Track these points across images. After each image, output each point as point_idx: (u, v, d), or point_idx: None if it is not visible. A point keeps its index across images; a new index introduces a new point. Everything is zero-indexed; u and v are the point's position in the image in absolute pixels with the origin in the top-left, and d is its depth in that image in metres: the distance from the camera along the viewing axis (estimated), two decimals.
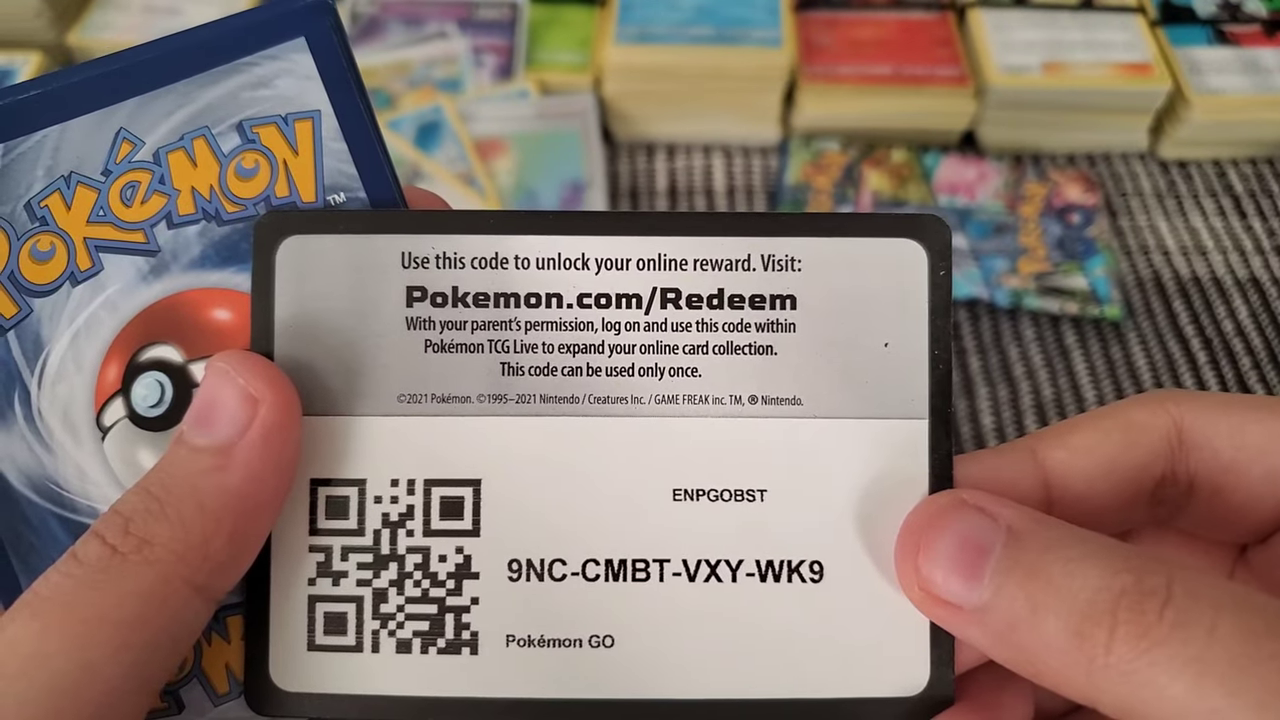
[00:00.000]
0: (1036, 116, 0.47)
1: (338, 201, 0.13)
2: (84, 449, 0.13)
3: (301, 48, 0.12)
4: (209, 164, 0.12)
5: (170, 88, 0.12)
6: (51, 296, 0.12)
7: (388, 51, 0.47)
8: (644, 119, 0.47)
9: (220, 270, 0.13)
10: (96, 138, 0.12)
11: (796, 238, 0.13)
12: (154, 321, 0.13)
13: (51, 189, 0.12)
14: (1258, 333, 0.42)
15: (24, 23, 0.49)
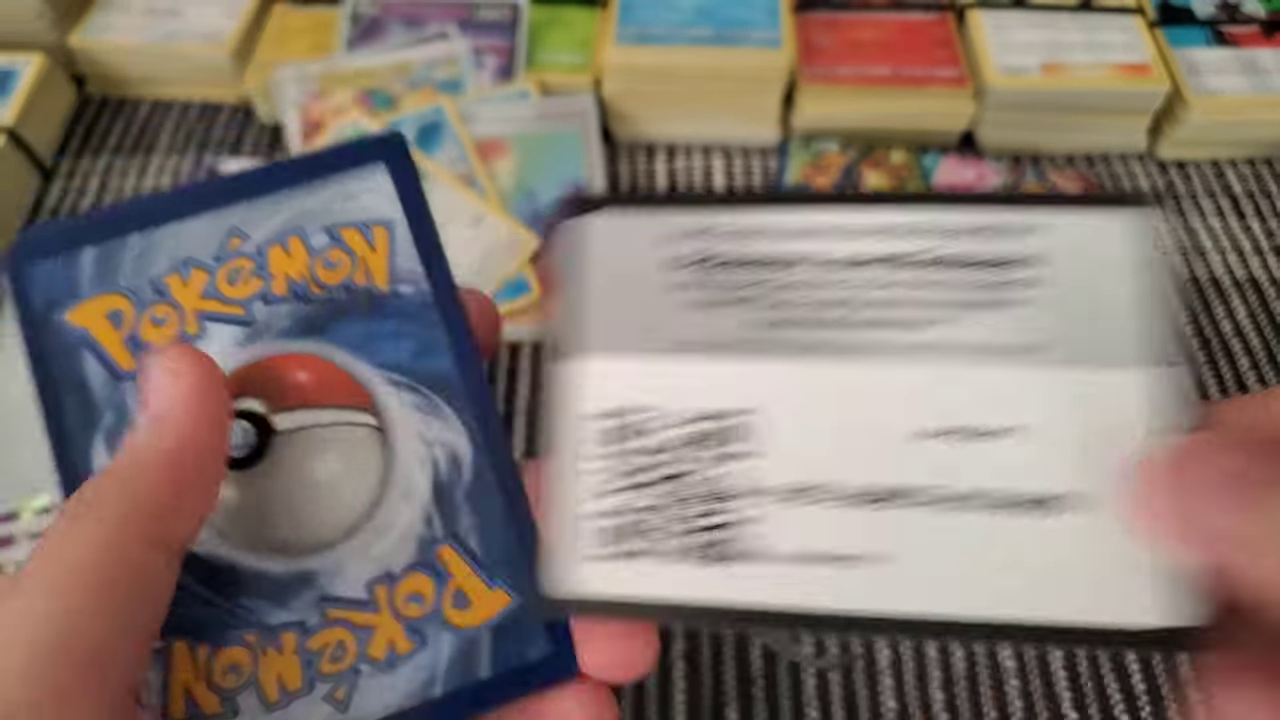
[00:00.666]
0: (1035, 117, 0.47)
1: (406, 292, 0.16)
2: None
3: (383, 171, 0.16)
4: (301, 257, 0.15)
5: (276, 196, 0.15)
6: None
7: (388, 53, 0.47)
8: (644, 119, 0.48)
9: (302, 340, 0.15)
10: (213, 232, 0.15)
11: (1024, 208, 0.15)
12: (243, 379, 0.15)
13: (172, 270, 0.15)
14: (1256, 333, 0.42)
15: (25, 24, 0.49)
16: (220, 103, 0.50)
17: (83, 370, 0.15)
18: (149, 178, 0.47)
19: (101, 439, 0.15)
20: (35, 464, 0.36)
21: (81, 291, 0.15)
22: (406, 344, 0.16)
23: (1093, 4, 0.50)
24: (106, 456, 0.15)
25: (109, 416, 0.15)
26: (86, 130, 0.49)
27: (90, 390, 0.15)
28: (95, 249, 0.15)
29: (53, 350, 0.15)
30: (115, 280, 0.15)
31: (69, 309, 0.15)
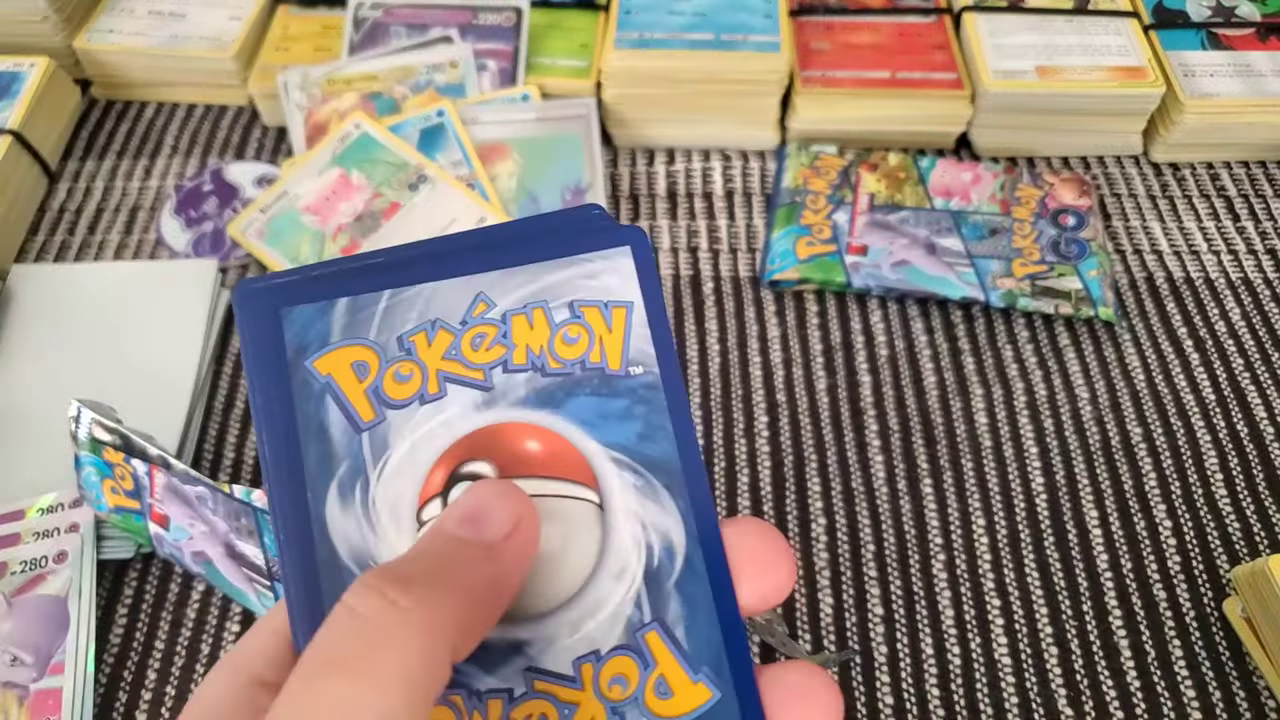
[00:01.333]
0: (1031, 120, 0.47)
1: (637, 373, 0.16)
2: (403, 537, 0.15)
3: (626, 254, 0.16)
4: (542, 329, 0.16)
5: (525, 267, 0.16)
6: (403, 410, 0.15)
7: (391, 56, 0.48)
8: (644, 123, 0.48)
9: (537, 411, 0.16)
10: (462, 296, 0.16)
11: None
12: (477, 442, 0.16)
13: (419, 329, 0.15)
14: (1250, 334, 0.42)
15: (30, 27, 0.50)
16: (224, 106, 0.51)
17: (325, 417, 0.15)
18: (154, 180, 0.48)
19: (335, 487, 0.15)
20: (40, 464, 0.36)
21: (331, 340, 0.15)
22: (633, 425, 0.16)
23: (1088, 7, 0.50)
24: (339, 505, 0.15)
25: (344, 466, 0.15)
26: (91, 133, 0.50)
27: (330, 438, 0.15)
28: (348, 300, 0.15)
29: (298, 395, 0.15)
30: (364, 332, 0.15)
31: (318, 356, 0.15)
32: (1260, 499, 0.37)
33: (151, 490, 0.32)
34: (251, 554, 0.31)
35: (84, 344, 0.40)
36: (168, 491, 0.31)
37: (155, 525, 0.33)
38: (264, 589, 0.31)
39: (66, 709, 0.31)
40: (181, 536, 0.32)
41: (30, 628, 0.32)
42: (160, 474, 0.31)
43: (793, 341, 0.42)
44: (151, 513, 0.32)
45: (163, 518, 0.32)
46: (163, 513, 0.32)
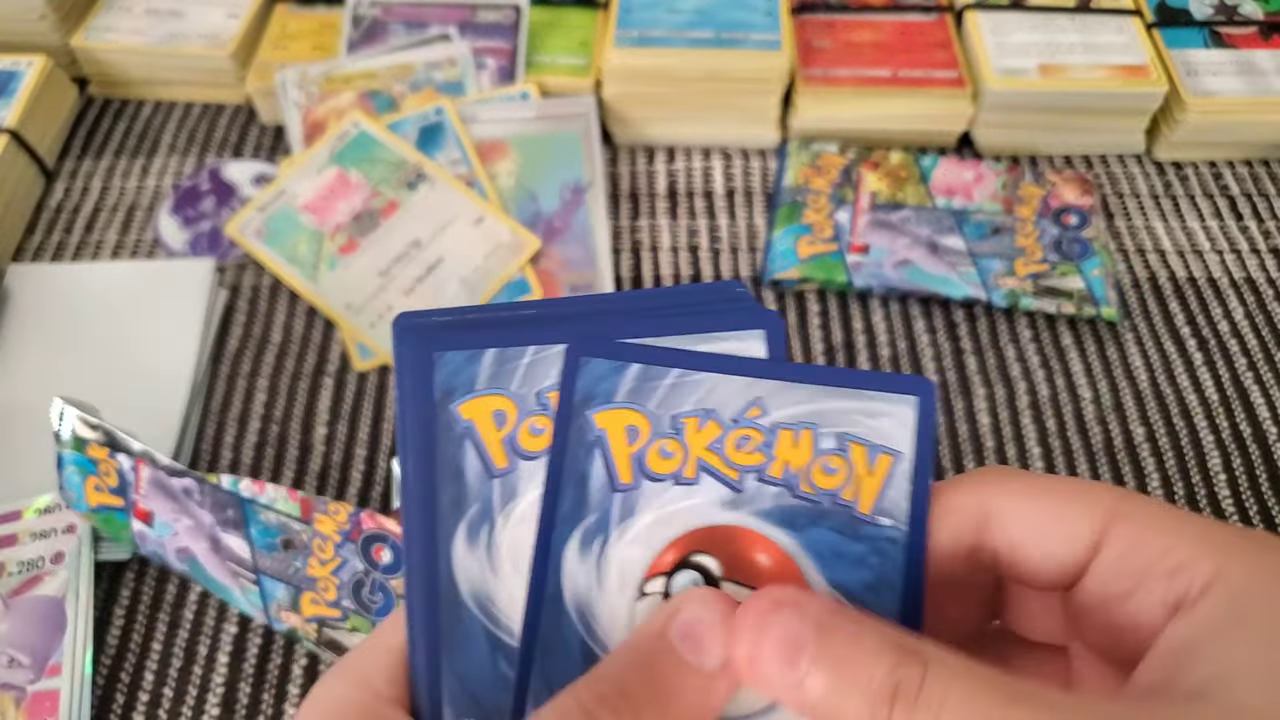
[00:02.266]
0: (1033, 118, 0.47)
1: (884, 524, 0.16)
2: (622, 599, 0.16)
3: (911, 404, 0.16)
4: (805, 451, 0.16)
5: (807, 386, 0.16)
6: (657, 484, 0.16)
7: (390, 54, 0.48)
8: (644, 121, 0.48)
9: (776, 528, 0.16)
10: (740, 395, 0.16)
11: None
12: (713, 537, 0.16)
13: (693, 414, 0.16)
14: (1253, 333, 0.42)
15: (27, 26, 0.49)
16: (222, 104, 0.51)
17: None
18: (151, 179, 0.47)
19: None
20: (37, 465, 0.36)
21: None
22: (865, 574, 0.16)
23: (1090, 6, 0.50)
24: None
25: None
26: (89, 131, 0.50)
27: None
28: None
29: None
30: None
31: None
32: (1263, 498, 0.37)
33: (137, 485, 0.32)
34: (237, 547, 0.31)
35: (81, 343, 0.40)
36: (153, 486, 0.31)
37: (139, 522, 0.32)
38: (249, 583, 0.31)
39: (64, 711, 0.31)
40: (165, 533, 0.32)
41: (27, 629, 0.32)
42: (146, 468, 0.31)
43: (795, 342, 0.41)
44: (135, 509, 0.32)
45: (147, 514, 0.32)
46: (147, 509, 0.32)
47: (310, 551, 0.30)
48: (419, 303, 0.41)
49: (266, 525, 0.30)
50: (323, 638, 0.31)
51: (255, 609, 0.32)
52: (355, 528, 0.29)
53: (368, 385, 0.40)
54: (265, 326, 0.42)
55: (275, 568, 0.31)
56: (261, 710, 0.32)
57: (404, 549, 0.16)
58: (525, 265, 0.42)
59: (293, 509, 0.29)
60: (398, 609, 0.16)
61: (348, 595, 0.30)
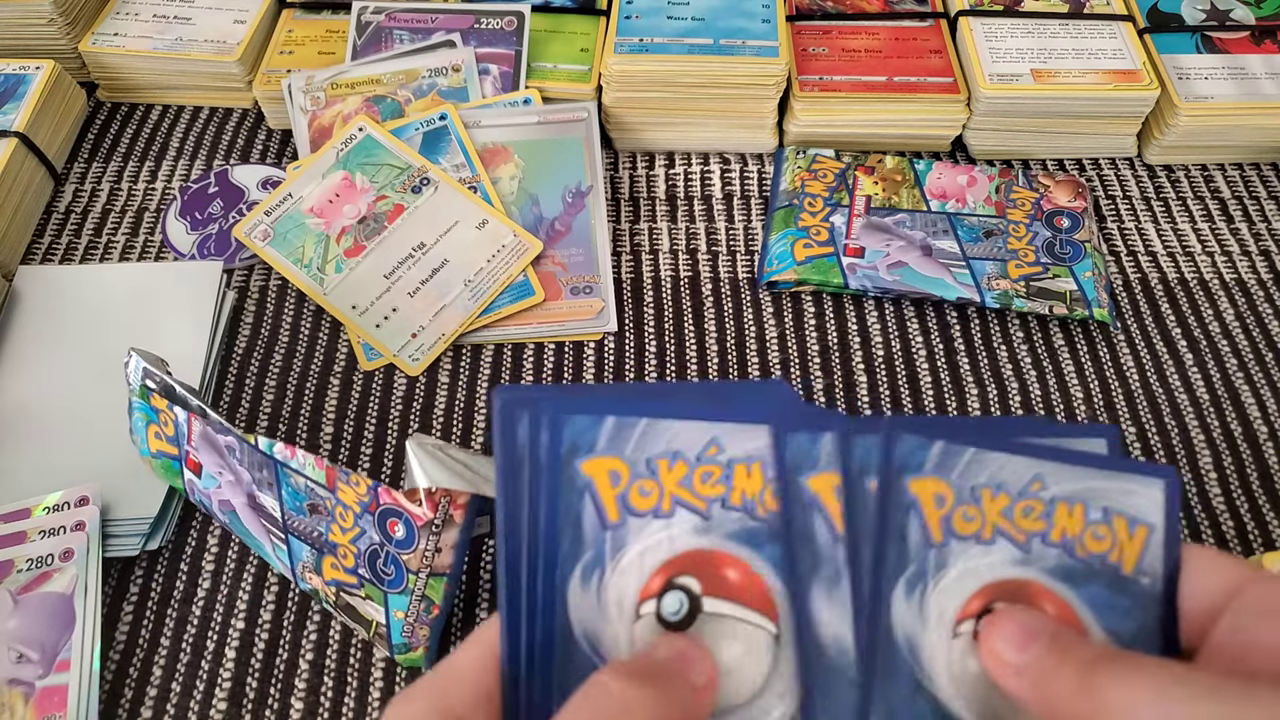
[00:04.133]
0: (1026, 123, 0.48)
1: (1144, 582, 0.19)
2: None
3: (1160, 489, 0.19)
4: (1078, 520, 0.19)
5: (1078, 469, 0.19)
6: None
7: (394, 60, 0.48)
8: (643, 127, 0.48)
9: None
10: (1023, 472, 0.19)
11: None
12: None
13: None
14: (1244, 334, 0.42)
15: (36, 30, 0.50)
16: (230, 108, 0.51)
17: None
18: (159, 182, 0.48)
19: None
20: (46, 463, 0.37)
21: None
22: (1130, 623, 0.18)
23: (1083, 11, 0.51)
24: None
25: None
26: (97, 135, 0.50)
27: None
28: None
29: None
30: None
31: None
32: (1254, 498, 0.37)
33: (189, 437, 0.33)
34: (270, 505, 0.32)
35: (90, 345, 0.40)
36: (202, 440, 0.33)
37: (190, 472, 0.34)
38: (278, 541, 0.33)
39: (72, 706, 0.31)
40: (211, 484, 0.33)
41: (36, 625, 0.32)
42: (197, 423, 0.32)
43: (790, 342, 0.42)
44: (187, 460, 0.34)
45: (197, 465, 0.33)
46: (197, 460, 0.33)
47: (333, 518, 0.31)
48: (423, 304, 0.42)
49: (295, 489, 0.31)
50: (340, 601, 0.32)
51: (284, 566, 0.33)
52: (373, 500, 0.29)
53: (374, 385, 0.40)
54: (273, 327, 0.42)
55: (302, 529, 0.32)
56: (269, 705, 0.32)
57: (502, 588, 0.17)
58: (528, 267, 0.43)
59: (319, 476, 0.30)
60: (469, 639, 0.18)
61: (364, 564, 0.31)
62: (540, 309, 0.42)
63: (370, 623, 0.32)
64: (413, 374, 0.41)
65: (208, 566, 0.35)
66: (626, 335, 0.42)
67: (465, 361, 0.41)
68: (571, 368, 0.41)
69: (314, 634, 0.34)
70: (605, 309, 0.42)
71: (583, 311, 0.42)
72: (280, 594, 0.35)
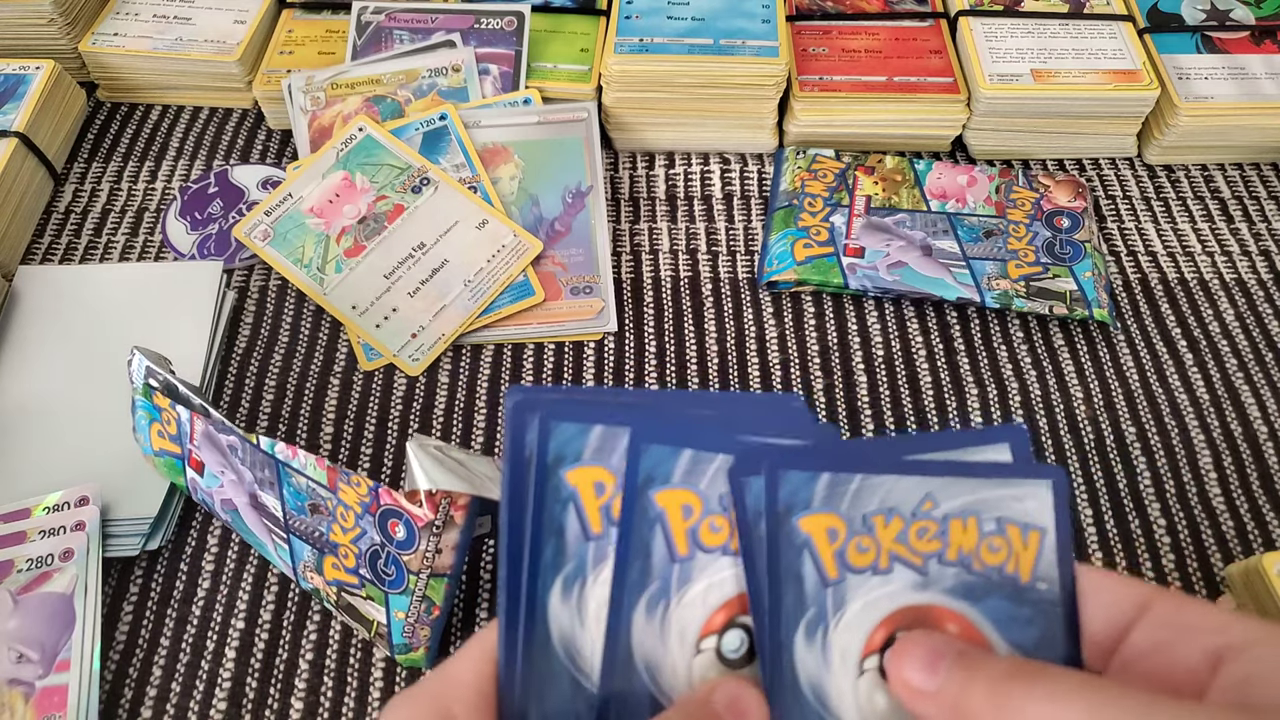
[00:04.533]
0: (1026, 123, 0.48)
1: (1042, 589, 0.18)
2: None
3: (1048, 489, 0.19)
4: (973, 535, 0.19)
5: (968, 481, 0.19)
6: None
7: (394, 60, 0.48)
8: (643, 127, 0.48)
9: (959, 601, 0.18)
10: (914, 492, 0.18)
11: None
12: (914, 616, 0.18)
13: (880, 514, 0.18)
14: (1243, 334, 0.42)
15: (36, 30, 0.50)
16: (230, 108, 0.51)
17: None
18: (159, 182, 0.48)
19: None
20: (46, 463, 0.37)
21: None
22: (1033, 631, 0.18)
23: (1083, 11, 0.51)
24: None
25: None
26: (97, 135, 0.50)
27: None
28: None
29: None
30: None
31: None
32: (1254, 497, 0.37)
33: (191, 436, 0.33)
34: (271, 505, 0.32)
35: (90, 345, 0.40)
36: (205, 439, 0.33)
37: (192, 471, 0.34)
38: (280, 541, 0.33)
39: (72, 706, 0.31)
40: (214, 484, 0.34)
41: (36, 625, 0.32)
42: (200, 422, 0.32)
43: (790, 342, 0.42)
44: (190, 458, 0.34)
45: (199, 464, 0.34)
46: (200, 459, 0.33)
47: (334, 518, 0.31)
48: (423, 304, 0.42)
49: (297, 489, 0.31)
50: (341, 601, 0.32)
51: (286, 565, 0.33)
52: (374, 501, 0.29)
53: (374, 385, 0.40)
54: (273, 327, 0.42)
55: (304, 529, 0.32)
56: (268, 705, 0.32)
57: (501, 592, 0.17)
58: (528, 267, 0.43)
59: (320, 476, 0.30)
60: (470, 643, 0.18)
61: (365, 564, 0.31)
62: (540, 309, 0.42)
63: (371, 623, 0.32)
64: (413, 374, 0.41)
65: (208, 566, 0.35)
66: (626, 335, 0.42)
67: (465, 361, 0.41)
68: (571, 368, 0.41)
69: (314, 634, 0.34)
70: (605, 309, 0.42)
71: (583, 311, 0.42)
72: (280, 594, 0.35)
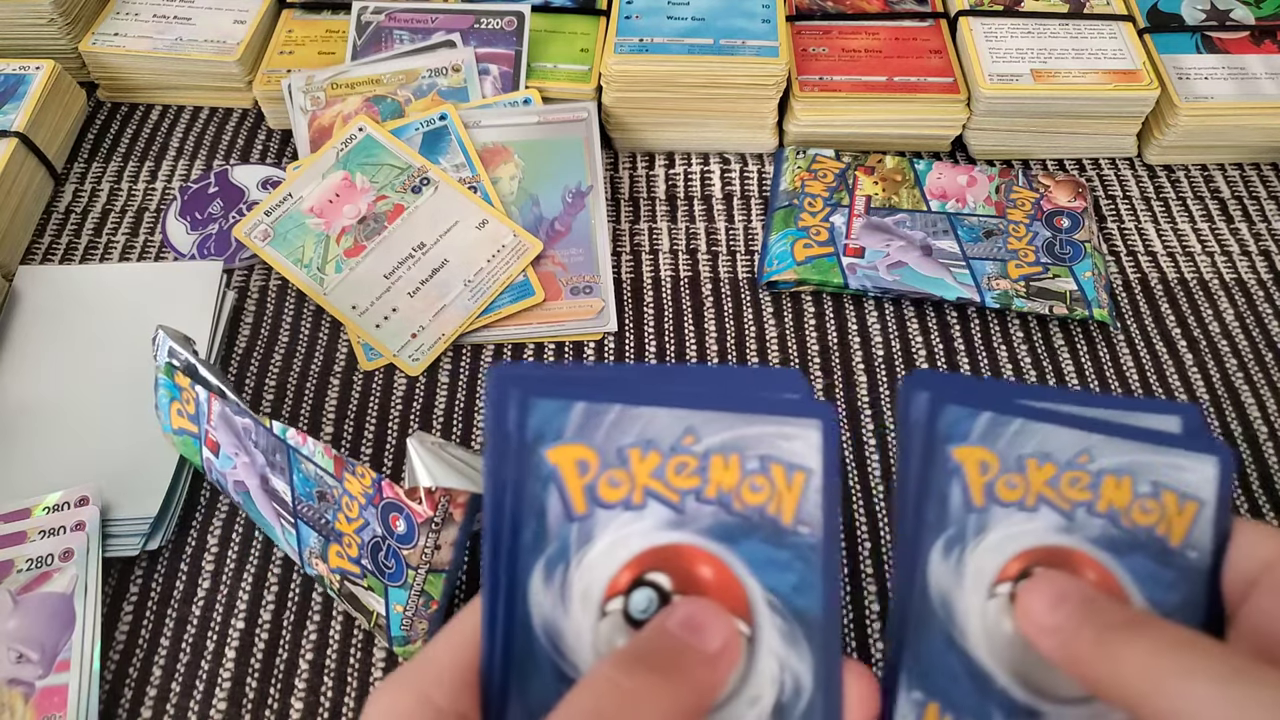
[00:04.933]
0: (1026, 123, 0.48)
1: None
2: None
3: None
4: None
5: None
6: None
7: (394, 60, 0.48)
8: (643, 127, 0.48)
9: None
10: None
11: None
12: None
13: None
14: (1243, 334, 0.42)
15: (36, 30, 0.50)
16: (230, 108, 0.51)
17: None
18: (159, 182, 0.48)
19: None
20: (46, 463, 0.37)
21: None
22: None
23: (1083, 11, 0.51)
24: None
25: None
26: (97, 135, 0.50)
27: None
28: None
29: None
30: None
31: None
32: (1254, 497, 0.37)
33: (209, 417, 0.33)
34: (281, 489, 0.32)
35: (90, 345, 0.40)
36: (221, 420, 0.33)
37: (208, 451, 0.34)
38: (288, 525, 0.33)
39: (72, 706, 0.31)
40: (228, 465, 0.34)
41: (36, 625, 0.32)
42: (217, 403, 0.33)
43: (790, 342, 0.42)
44: (206, 439, 0.34)
45: (215, 444, 0.34)
46: (215, 439, 0.34)
47: (339, 507, 0.31)
48: (423, 304, 0.42)
49: (306, 475, 0.31)
50: (344, 589, 0.32)
51: (292, 550, 0.33)
52: (377, 494, 0.29)
53: (374, 385, 0.40)
54: (273, 327, 0.42)
55: (311, 516, 0.32)
56: (268, 705, 0.32)
57: (483, 577, 0.17)
58: (528, 267, 0.43)
59: (328, 464, 0.30)
60: (449, 626, 0.17)
61: (367, 555, 0.31)
62: (540, 309, 0.42)
63: (371, 613, 0.32)
64: (413, 374, 0.41)
65: (208, 566, 0.35)
66: (626, 335, 0.42)
67: (465, 361, 0.41)
68: None
69: (314, 634, 0.34)
70: (605, 309, 0.42)
71: (583, 311, 0.42)
72: (280, 594, 0.35)
